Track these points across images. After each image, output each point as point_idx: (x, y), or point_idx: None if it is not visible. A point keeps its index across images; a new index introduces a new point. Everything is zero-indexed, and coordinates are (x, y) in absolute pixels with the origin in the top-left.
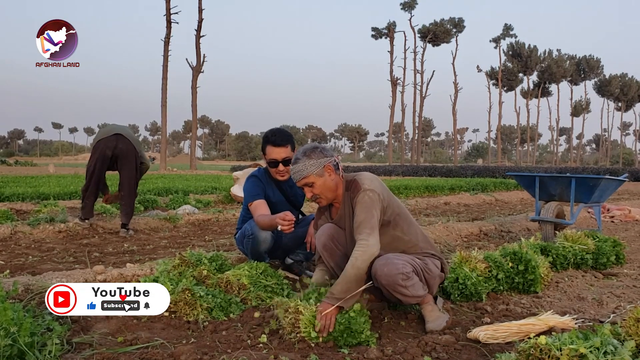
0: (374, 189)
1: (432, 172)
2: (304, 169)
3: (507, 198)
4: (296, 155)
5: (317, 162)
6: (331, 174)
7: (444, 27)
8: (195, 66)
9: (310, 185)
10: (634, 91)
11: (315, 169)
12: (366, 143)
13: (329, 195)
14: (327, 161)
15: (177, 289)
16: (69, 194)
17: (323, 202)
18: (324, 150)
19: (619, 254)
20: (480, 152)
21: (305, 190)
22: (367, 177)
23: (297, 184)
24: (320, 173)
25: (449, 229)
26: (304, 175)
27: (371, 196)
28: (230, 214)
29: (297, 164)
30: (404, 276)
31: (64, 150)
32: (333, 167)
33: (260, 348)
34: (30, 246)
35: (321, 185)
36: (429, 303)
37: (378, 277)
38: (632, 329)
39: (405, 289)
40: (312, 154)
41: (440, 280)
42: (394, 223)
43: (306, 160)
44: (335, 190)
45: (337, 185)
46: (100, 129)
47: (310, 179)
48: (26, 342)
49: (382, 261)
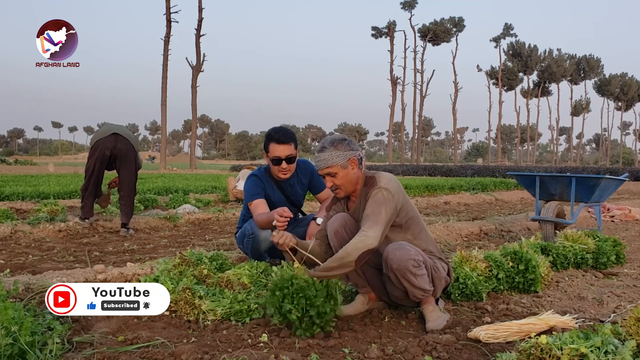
0: (389, 189)
1: (432, 171)
2: (330, 158)
3: (507, 197)
4: (323, 143)
5: (343, 154)
6: (354, 167)
7: (444, 27)
8: (195, 65)
9: (333, 175)
10: (634, 91)
11: (341, 160)
12: (366, 142)
13: (348, 188)
14: (353, 154)
15: (177, 288)
16: (68, 193)
17: (341, 193)
18: (351, 143)
19: (619, 254)
20: (480, 151)
21: (327, 179)
22: (385, 177)
23: (319, 172)
24: (345, 165)
25: (449, 229)
26: (328, 165)
27: (385, 194)
28: (230, 213)
29: (323, 152)
30: (415, 262)
31: (64, 150)
32: (357, 161)
33: (261, 347)
34: (31, 245)
35: (343, 177)
36: (430, 303)
37: (389, 260)
38: (633, 328)
39: (414, 277)
40: (339, 145)
41: (445, 284)
42: (406, 226)
43: (333, 150)
44: (356, 184)
45: (358, 179)
46: (99, 128)
47: (334, 169)
48: (27, 341)
49: (395, 246)
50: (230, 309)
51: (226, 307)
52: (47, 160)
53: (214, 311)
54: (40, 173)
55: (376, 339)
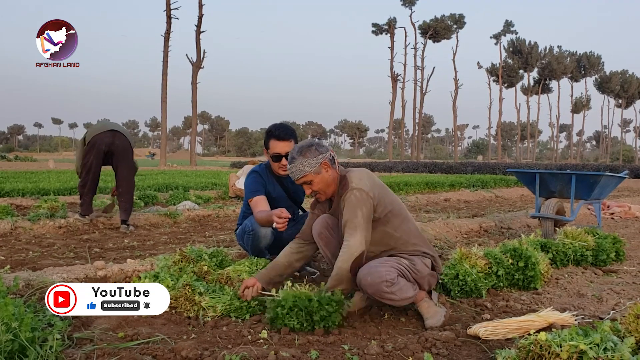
0: (361, 188)
1: (432, 168)
2: (301, 168)
3: (507, 194)
4: (292, 154)
5: (313, 161)
6: (328, 169)
7: (445, 23)
8: (195, 62)
9: (309, 183)
10: (635, 88)
11: (312, 167)
12: (366, 139)
13: (327, 191)
14: (323, 158)
15: (177, 285)
16: (69, 189)
17: (322, 197)
18: (319, 147)
19: (619, 251)
20: (480, 148)
21: (305, 187)
22: (356, 175)
23: (296, 182)
24: (318, 170)
25: (449, 226)
26: (302, 175)
27: (357, 195)
28: (230, 210)
29: (294, 164)
30: (388, 283)
31: (64, 146)
32: (329, 162)
33: (260, 344)
34: (31, 242)
35: (319, 182)
36: (423, 300)
37: (363, 287)
38: (632, 325)
39: (392, 294)
40: (307, 153)
41: (432, 279)
42: (385, 219)
43: (302, 159)
44: (333, 184)
45: (334, 179)
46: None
47: (308, 177)
48: (27, 337)
49: (365, 270)
50: (230, 306)
51: (226, 303)
52: (47, 156)
53: (214, 308)
54: (40, 169)
55: (376, 336)
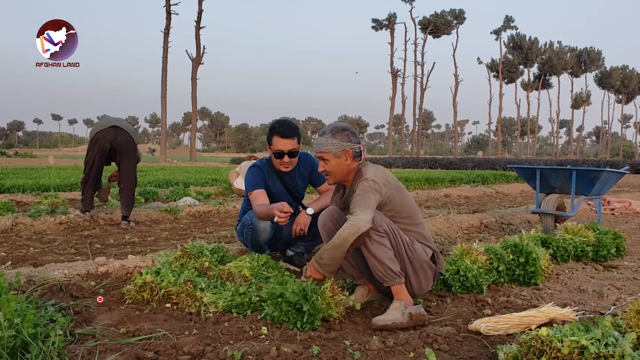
0: (375, 180)
1: (432, 164)
2: (325, 144)
3: (507, 190)
4: (325, 128)
5: (339, 144)
6: (348, 159)
7: (445, 19)
8: (195, 58)
9: (325, 160)
10: (635, 83)
11: (335, 149)
12: (366, 135)
13: (338, 176)
14: (349, 146)
15: (179, 281)
16: (69, 185)
17: (331, 180)
18: (351, 135)
19: (620, 247)
20: (480, 144)
21: (320, 163)
22: (372, 170)
23: (315, 154)
24: (338, 154)
25: (450, 222)
26: (322, 150)
27: (371, 184)
28: (230, 206)
29: (321, 137)
30: (371, 225)
31: (64, 142)
32: (353, 153)
33: (262, 339)
34: (32, 238)
35: (334, 165)
36: (397, 300)
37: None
38: (633, 320)
39: (370, 242)
40: (338, 134)
41: (429, 270)
42: (390, 218)
43: (330, 137)
44: (347, 175)
45: (350, 171)
46: (98, 121)
47: (326, 155)
48: (29, 333)
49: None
50: (232, 302)
51: (227, 299)
52: (47, 152)
53: (216, 303)
54: (40, 165)
55: (377, 331)
